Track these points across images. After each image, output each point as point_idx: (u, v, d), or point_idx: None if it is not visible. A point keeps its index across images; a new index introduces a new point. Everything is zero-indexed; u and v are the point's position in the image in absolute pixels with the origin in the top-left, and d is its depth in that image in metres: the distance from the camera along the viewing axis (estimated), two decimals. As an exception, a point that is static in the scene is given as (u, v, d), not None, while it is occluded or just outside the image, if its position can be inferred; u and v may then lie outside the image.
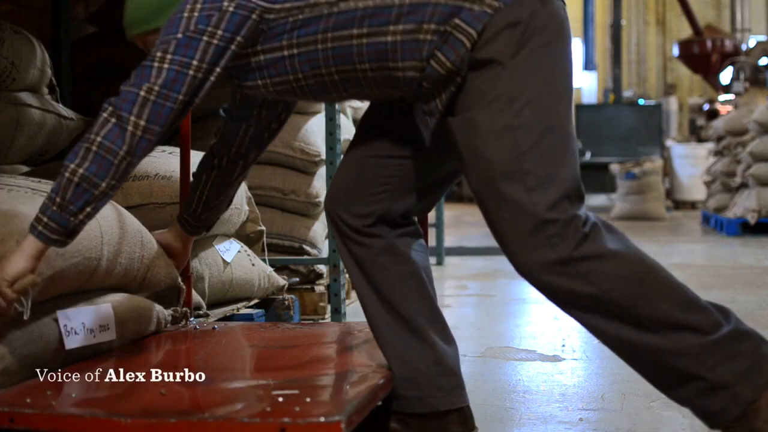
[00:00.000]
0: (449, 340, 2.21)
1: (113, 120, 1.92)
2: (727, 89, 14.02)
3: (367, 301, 2.19)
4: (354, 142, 2.24)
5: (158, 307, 2.64)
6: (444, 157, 2.18)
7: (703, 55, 16.07)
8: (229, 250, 3.35)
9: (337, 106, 3.99)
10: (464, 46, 1.95)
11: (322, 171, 4.27)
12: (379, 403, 2.01)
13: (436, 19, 1.94)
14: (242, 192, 3.44)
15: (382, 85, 2.03)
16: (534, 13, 1.96)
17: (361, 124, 2.24)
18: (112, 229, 2.38)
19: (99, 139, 1.91)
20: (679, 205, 13.59)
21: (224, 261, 3.29)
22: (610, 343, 2.01)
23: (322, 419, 1.65)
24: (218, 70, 1.99)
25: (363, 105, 5.05)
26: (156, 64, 1.95)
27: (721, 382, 1.91)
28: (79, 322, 2.25)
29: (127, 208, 2.99)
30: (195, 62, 1.95)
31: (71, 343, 2.19)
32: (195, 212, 2.50)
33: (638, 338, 1.95)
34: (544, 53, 1.97)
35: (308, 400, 1.78)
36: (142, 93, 1.93)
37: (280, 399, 1.78)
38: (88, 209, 1.91)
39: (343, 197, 2.19)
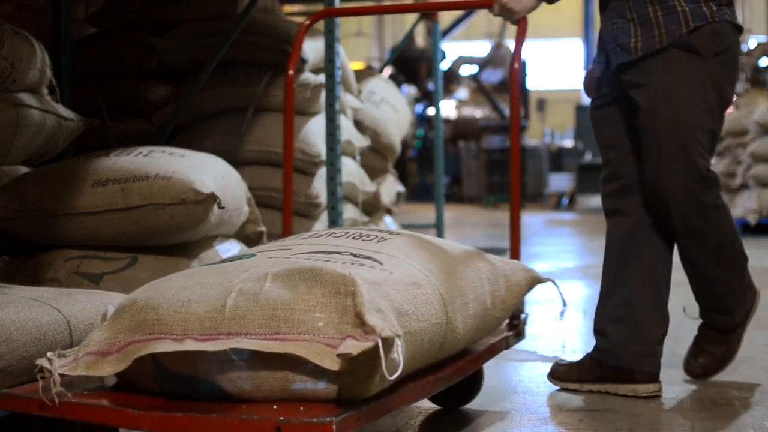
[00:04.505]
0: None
1: None
2: (727, 90, 13.97)
3: None
4: None
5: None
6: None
7: (704, 55, 16.04)
8: (230, 251, 3.35)
9: (337, 106, 3.99)
10: (679, 29, 2.71)
11: (322, 172, 4.27)
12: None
13: None
14: (242, 193, 3.44)
15: None
16: (732, 33, 2.78)
17: None
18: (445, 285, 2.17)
19: None
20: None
21: (224, 262, 3.29)
22: (691, 264, 2.89)
23: (314, 420, 1.69)
24: None
25: (363, 106, 5.06)
26: None
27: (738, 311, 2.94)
28: None
29: (127, 208, 2.99)
30: None
31: None
32: None
33: (714, 269, 2.88)
34: (730, 64, 2.78)
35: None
36: None
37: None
38: None
39: None
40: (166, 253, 3.08)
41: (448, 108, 17.94)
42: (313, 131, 4.26)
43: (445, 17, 16.99)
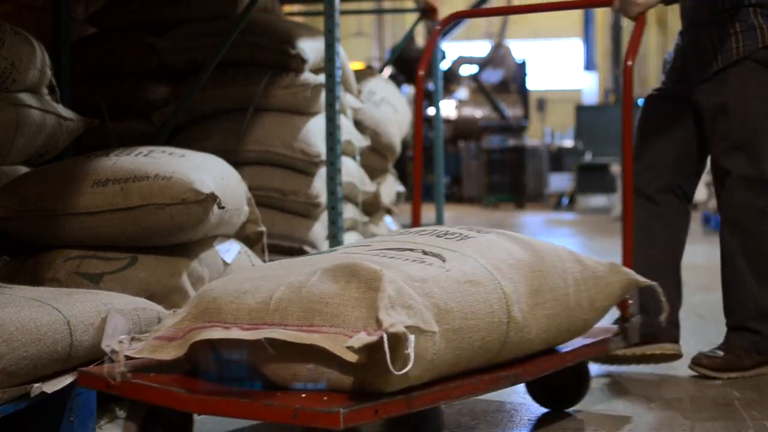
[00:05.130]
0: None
1: None
2: (727, 90, 13.97)
3: None
4: None
5: (159, 308, 2.64)
6: None
7: (704, 55, 16.03)
8: (230, 250, 3.35)
9: (337, 106, 3.99)
10: (755, 43, 2.99)
11: (322, 172, 4.27)
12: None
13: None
14: (242, 193, 3.44)
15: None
16: None
17: None
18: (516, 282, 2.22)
19: None
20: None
21: (224, 262, 3.29)
22: (730, 267, 3.08)
23: (325, 409, 1.80)
24: None
25: (363, 106, 5.06)
26: None
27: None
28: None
29: (127, 208, 2.99)
30: None
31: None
32: None
33: (749, 279, 3.04)
34: None
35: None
36: None
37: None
38: None
39: None
40: (166, 253, 3.08)
41: (448, 108, 17.94)
42: (314, 131, 4.26)
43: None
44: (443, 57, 16.07)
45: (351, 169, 4.63)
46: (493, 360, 2.14)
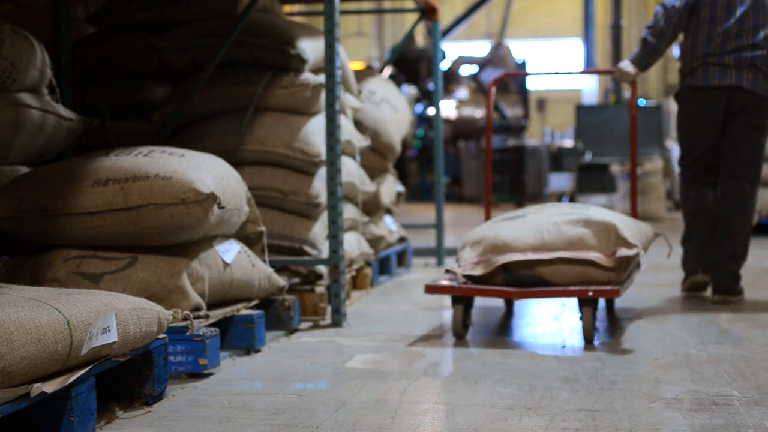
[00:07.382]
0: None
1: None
2: (727, 90, 13.95)
3: None
4: None
5: (159, 308, 2.64)
6: None
7: (703, 55, 15.99)
8: (229, 250, 3.35)
9: (337, 106, 3.99)
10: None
11: (322, 172, 4.27)
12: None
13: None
14: (242, 193, 3.44)
15: None
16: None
17: None
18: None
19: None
20: (679, 205, 13.57)
21: (224, 262, 3.29)
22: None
23: (609, 287, 3.54)
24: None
25: (363, 106, 5.06)
26: None
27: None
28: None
29: (127, 208, 2.99)
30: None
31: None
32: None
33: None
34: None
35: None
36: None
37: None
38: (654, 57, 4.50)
39: None
40: (166, 253, 3.08)
41: (448, 108, 17.93)
42: (313, 131, 4.26)
43: (445, 17, 17.00)
44: (443, 57, 16.07)
45: (351, 169, 4.63)
46: None
